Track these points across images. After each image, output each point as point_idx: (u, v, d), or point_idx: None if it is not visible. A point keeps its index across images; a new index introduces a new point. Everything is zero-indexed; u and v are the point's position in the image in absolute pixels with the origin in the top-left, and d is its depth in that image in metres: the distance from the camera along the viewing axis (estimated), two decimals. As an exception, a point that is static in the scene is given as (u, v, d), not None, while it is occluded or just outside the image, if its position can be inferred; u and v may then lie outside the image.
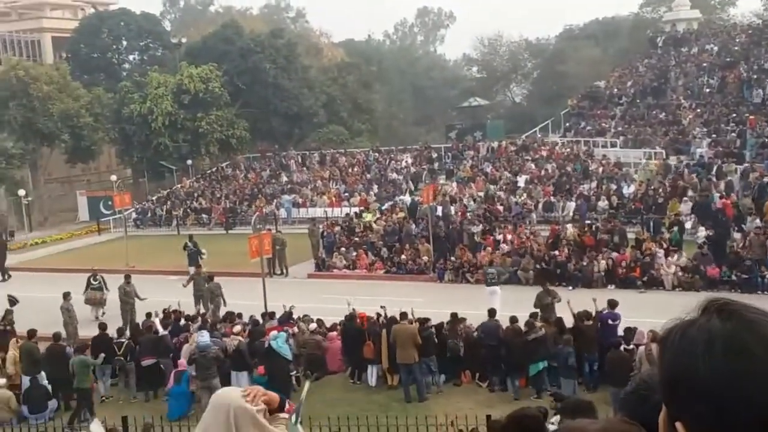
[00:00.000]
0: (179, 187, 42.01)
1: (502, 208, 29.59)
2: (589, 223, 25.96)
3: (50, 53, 52.11)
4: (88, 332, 18.48)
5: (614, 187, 30.04)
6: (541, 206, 29.99)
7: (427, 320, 16.37)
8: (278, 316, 18.18)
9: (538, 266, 23.17)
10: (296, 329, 17.74)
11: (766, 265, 21.19)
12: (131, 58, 54.43)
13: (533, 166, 34.68)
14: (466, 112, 50.21)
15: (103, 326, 17.28)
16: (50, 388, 15.93)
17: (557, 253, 23.45)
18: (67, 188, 47.29)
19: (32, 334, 16.80)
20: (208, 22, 62.21)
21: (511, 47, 64.75)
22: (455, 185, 33.95)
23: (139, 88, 43.83)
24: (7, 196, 41.06)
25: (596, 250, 23.22)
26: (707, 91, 39.03)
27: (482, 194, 31.51)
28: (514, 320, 15.84)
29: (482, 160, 37.43)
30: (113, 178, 39.15)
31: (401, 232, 26.98)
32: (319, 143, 45.55)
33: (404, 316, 16.07)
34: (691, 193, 27.32)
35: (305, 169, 41.49)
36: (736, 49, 41.73)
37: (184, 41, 53.72)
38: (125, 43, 52.72)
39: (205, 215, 37.50)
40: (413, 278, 24.68)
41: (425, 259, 25.06)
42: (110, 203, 35.19)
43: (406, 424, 11.61)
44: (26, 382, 16.19)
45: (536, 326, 15.41)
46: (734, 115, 34.64)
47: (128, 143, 44.46)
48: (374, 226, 28.29)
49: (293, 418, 2.66)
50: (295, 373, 16.47)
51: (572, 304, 16.04)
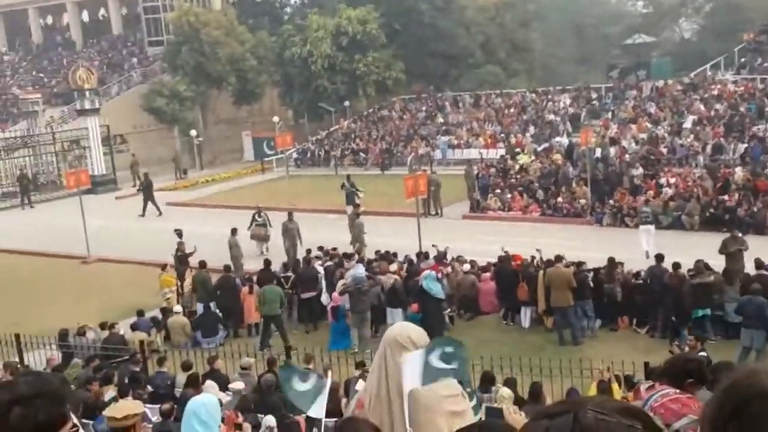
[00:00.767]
0: (337, 128, 43.00)
1: (666, 150, 28.25)
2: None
3: (218, -1, 54.14)
4: (254, 266, 19.53)
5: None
6: (710, 148, 28.36)
7: (582, 263, 16.07)
8: (432, 256, 18.39)
9: (706, 212, 22.05)
10: (450, 269, 17.91)
11: None
12: (292, 1, 55.64)
13: (702, 106, 32.72)
14: (629, 49, 47.80)
15: (267, 262, 18.08)
16: (221, 315, 17.03)
17: (727, 197, 22.18)
18: (233, 129, 49.49)
19: (204, 264, 17.92)
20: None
21: (680, -21, 60.79)
22: (616, 126, 32.68)
23: (299, 31, 44.88)
24: (180, 136, 43.60)
25: (770, 195, 21.79)
26: None
27: (644, 136, 30.18)
28: (677, 266, 15.23)
29: (645, 100, 35.73)
30: (275, 119, 40.60)
31: (558, 174, 26.40)
32: (475, 84, 45.02)
33: (559, 259, 15.82)
34: None
35: (460, 110, 41.25)
36: None
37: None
38: (288, -14, 53.97)
39: (362, 155, 38.28)
40: (569, 221, 24.16)
41: (582, 202, 24.45)
42: (273, 143, 36.62)
43: (560, 366, 11.51)
44: (200, 309, 17.40)
45: (702, 271, 14.76)
46: None
47: (289, 85, 45.83)
48: (530, 167, 27.83)
49: None
50: (449, 311, 16.69)
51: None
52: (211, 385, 10.28)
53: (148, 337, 15.42)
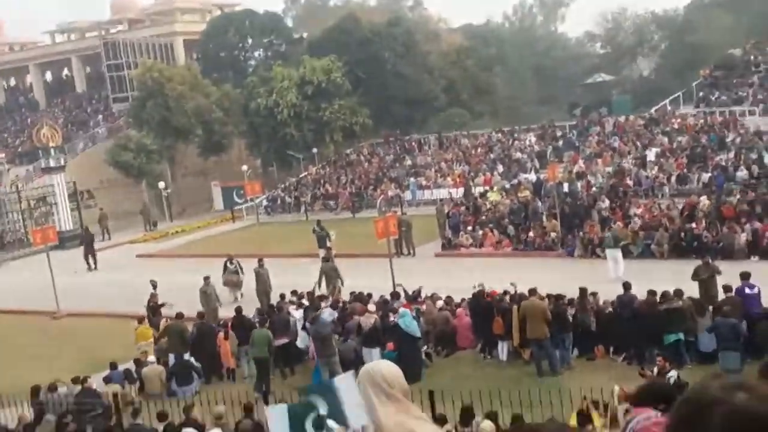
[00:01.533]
0: (306, 174, 43.14)
1: (632, 182, 28.69)
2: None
3: (182, 55, 54.52)
4: (229, 313, 19.33)
5: (754, 156, 28.50)
6: (674, 179, 28.87)
7: (561, 296, 16.14)
8: (402, 297, 18.37)
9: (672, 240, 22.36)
10: (424, 307, 17.88)
11: None
12: (256, 54, 56.19)
13: (665, 139, 33.38)
14: (590, 88, 48.90)
15: (238, 309, 17.99)
16: (196, 364, 16.79)
17: (694, 225, 22.52)
18: (201, 180, 49.39)
19: (181, 315, 17.76)
20: (328, 15, 63.19)
21: (636, 20, 62.38)
22: (581, 161, 33.17)
23: (264, 82, 45.20)
24: (148, 189, 43.41)
25: (736, 220, 22.15)
26: None
27: (610, 169, 30.65)
28: (652, 293, 15.39)
29: (609, 135, 36.38)
30: (244, 168, 40.60)
31: (527, 209, 26.64)
32: (441, 126, 45.55)
33: (533, 291, 15.89)
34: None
35: (428, 152, 41.63)
36: None
37: (305, 36, 55.01)
38: (251, 41, 54.49)
39: (331, 201, 38.36)
40: (542, 255, 24.32)
41: (553, 235, 24.66)
42: (242, 192, 36.66)
43: (539, 397, 11.48)
44: (172, 359, 17.14)
45: (671, 297, 14.91)
46: None
47: (256, 135, 45.97)
48: (500, 204, 28.06)
49: None
50: (425, 349, 16.61)
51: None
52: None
53: (121, 389, 15.13)
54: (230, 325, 17.72)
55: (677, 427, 1.66)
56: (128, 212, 42.59)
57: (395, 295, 18.42)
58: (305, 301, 18.72)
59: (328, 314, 16.21)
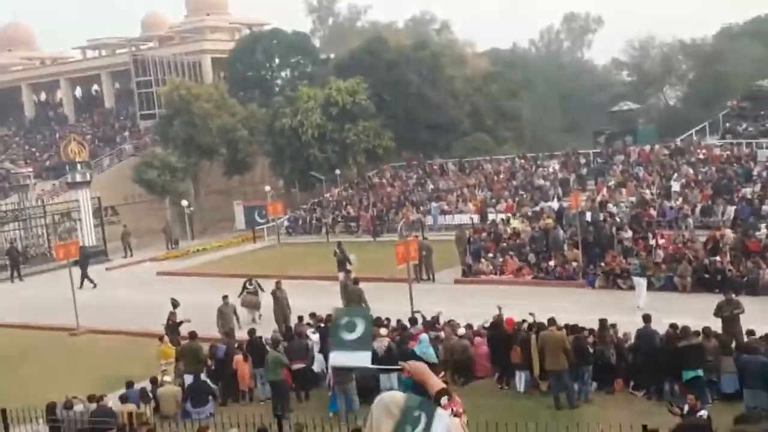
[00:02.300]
0: (328, 196, 43.22)
1: (655, 213, 28.44)
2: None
3: (209, 73, 55.01)
4: (246, 334, 19.31)
5: (781, 189, 28.20)
6: (698, 211, 28.58)
7: (581, 328, 15.96)
8: (420, 323, 18.25)
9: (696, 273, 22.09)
10: (443, 334, 17.75)
11: None
12: (283, 74, 56.56)
13: (690, 169, 33.10)
14: (615, 116, 48.60)
15: (251, 332, 17.90)
16: (213, 385, 16.76)
17: (718, 258, 22.24)
18: (224, 199, 49.68)
19: (194, 335, 17.73)
20: (355, 37, 63.63)
21: (663, 49, 62.13)
22: (605, 190, 32.95)
23: (290, 102, 45.46)
24: (171, 207, 43.72)
25: (761, 255, 21.84)
26: None
27: (633, 199, 30.41)
28: (673, 327, 15.19)
29: (633, 164, 36.15)
30: (267, 188, 40.80)
31: (548, 237, 26.47)
32: (464, 151, 45.52)
33: (552, 322, 15.73)
34: None
35: (450, 176, 41.58)
36: None
37: (332, 56, 55.30)
38: (278, 60, 54.83)
39: (353, 223, 38.38)
40: (562, 284, 24.12)
41: (574, 265, 24.47)
42: (264, 212, 36.75)
43: (556, 431, 11.31)
44: (189, 379, 17.12)
45: (691, 333, 14.69)
46: None
47: (280, 155, 46.18)
48: (522, 231, 27.91)
49: None
50: (442, 376, 16.46)
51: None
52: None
53: (137, 409, 15.11)
54: (246, 348, 17.66)
55: None
56: (151, 230, 42.89)
57: (413, 320, 18.32)
58: (322, 324, 18.64)
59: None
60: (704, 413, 12.05)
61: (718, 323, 16.27)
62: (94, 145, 51.39)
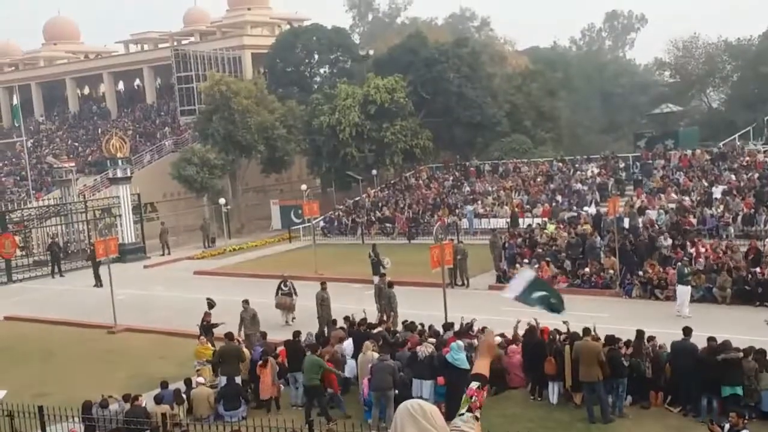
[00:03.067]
0: (364, 196, 43.22)
1: (695, 220, 27.96)
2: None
3: (249, 68, 55.31)
4: (279, 336, 19.42)
5: (827, 199, 27.56)
6: (740, 219, 28.05)
7: (616, 339, 15.75)
8: (457, 327, 18.16)
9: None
10: (476, 341, 17.63)
11: None
12: (322, 71, 56.62)
13: (732, 176, 32.50)
14: (656, 119, 47.94)
15: (296, 333, 17.84)
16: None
17: (758, 270, 21.80)
18: (261, 197, 50.00)
19: (231, 336, 17.78)
20: (394, 33, 63.53)
21: (708, 49, 60.92)
22: (644, 196, 32.51)
23: (328, 99, 45.52)
24: (209, 204, 44.09)
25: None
26: None
27: (673, 206, 29.94)
28: (711, 340, 14.91)
29: (674, 169, 35.59)
30: (303, 187, 40.98)
31: (585, 244, 26.18)
32: (501, 153, 45.22)
33: (587, 332, 15.54)
34: None
35: (487, 178, 41.34)
36: None
37: (371, 53, 55.27)
38: (317, 56, 54.91)
39: (388, 224, 38.33)
40: (598, 293, 23.84)
41: (611, 273, 24.18)
42: (300, 212, 36.86)
43: (589, 445, 11.21)
44: (222, 381, 17.23)
45: (730, 347, 14.40)
46: None
47: (317, 153, 46.30)
48: (558, 237, 27.64)
49: None
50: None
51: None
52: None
53: (170, 410, 15.27)
54: (283, 349, 17.65)
55: None
56: (188, 227, 43.34)
57: (448, 326, 18.22)
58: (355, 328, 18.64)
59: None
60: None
61: (758, 337, 15.96)
62: (135, 140, 52.09)
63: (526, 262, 26.28)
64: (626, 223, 27.61)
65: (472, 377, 3.82)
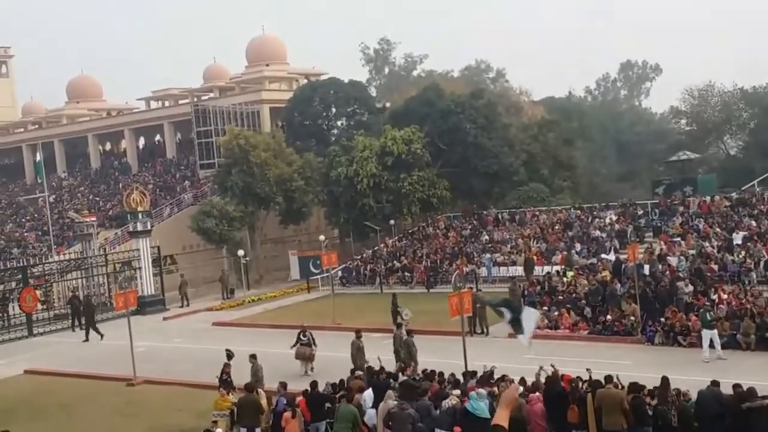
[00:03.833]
0: (382, 246, 43.28)
1: (716, 267, 27.73)
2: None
3: (268, 122, 56.04)
4: (298, 386, 19.28)
5: None
6: (762, 265, 27.80)
7: (640, 387, 15.51)
8: (479, 375, 17.96)
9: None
10: (496, 390, 17.43)
11: None
12: (339, 123, 57.26)
13: (752, 221, 32.31)
14: (674, 166, 47.93)
15: (314, 383, 17.72)
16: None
17: (782, 316, 21.54)
18: (280, 248, 50.17)
19: (251, 387, 17.68)
20: (411, 86, 64.32)
21: (723, 97, 61.16)
22: (663, 243, 32.32)
23: (346, 151, 45.93)
24: (228, 256, 44.31)
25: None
26: None
27: (693, 252, 29.74)
28: (737, 386, 14.65)
29: (693, 216, 35.43)
30: (321, 238, 41.07)
31: (605, 291, 25.99)
32: (519, 201, 45.26)
33: (609, 379, 15.35)
34: None
35: (505, 227, 41.31)
36: None
37: (388, 105, 55.88)
38: (334, 109, 55.59)
39: (407, 274, 38.31)
40: (620, 340, 23.60)
41: (632, 320, 23.94)
42: (318, 262, 36.90)
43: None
44: (243, 432, 17.07)
45: (756, 394, 14.14)
46: None
47: (335, 204, 46.57)
48: (578, 283, 27.46)
49: None
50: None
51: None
52: None
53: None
54: (303, 400, 17.51)
55: None
56: (207, 278, 43.50)
57: (470, 374, 18.03)
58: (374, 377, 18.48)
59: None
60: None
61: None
62: (155, 194, 52.68)
63: (545, 309, 26.13)
64: (646, 269, 27.41)
65: (492, 428, 3.87)
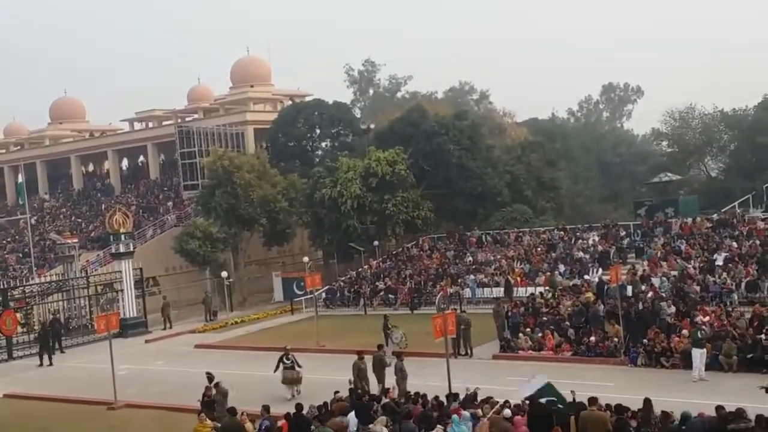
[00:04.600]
0: (366, 267, 43.21)
1: (698, 287, 27.88)
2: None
3: (252, 143, 56.04)
4: (282, 409, 19.13)
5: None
6: (743, 286, 27.99)
7: (626, 409, 15.52)
8: (462, 397, 17.92)
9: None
10: (480, 412, 17.39)
11: None
12: (323, 144, 57.38)
13: (733, 243, 32.56)
14: (656, 188, 48.30)
15: (299, 406, 17.56)
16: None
17: (764, 336, 21.62)
18: (263, 270, 50.01)
19: (233, 411, 17.48)
20: (395, 107, 64.61)
21: (704, 119, 61.79)
22: (646, 264, 32.49)
23: (330, 172, 45.97)
24: (211, 277, 44.09)
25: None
26: None
27: (675, 273, 29.91)
28: (720, 409, 14.68)
29: (675, 237, 35.67)
30: (305, 259, 40.98)
31: (588, 312, 26.05)
32: (503, 222, 45.41)
33: (593, 401, 15.34)
34: None
35: (489, 248, 41.39)
36: None
37: (372, 127, 56.06)
38: (318, 131, 55.70)
39: (391, 295, 38.25)
40: (603, 361, 23.60)
41: (615, 341, 24.00)
42: (302, 284, 36.80)
43: None
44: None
45: (746, 416, 14.16)
46: None
47: (319, 226, 46.53)
48: (561, 304, 27.51)
49: None
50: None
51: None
52: None
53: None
54: (285, 423, 17.37)
55: None
56: (190, 300, 43.24)
57: (453, 396, 17.97)
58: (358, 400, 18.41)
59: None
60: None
61: (766, 405, 15.70)
62: (138, 215, 52.42)
63: (529, 330, 26.13)
64: (629, 290, 27.52)
65: None
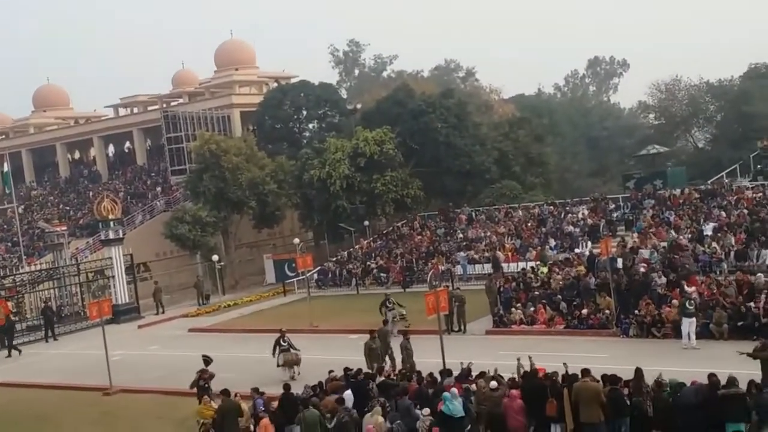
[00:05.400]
0: (357, 247, 43.26)
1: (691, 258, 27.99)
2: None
3: (239, 126, 55.76)
4: (273, 390, 19.19)
5: (817, 231, 27.69)
6: (732, 255, 28.16)
7: (616, 379, 15.64)
8: (456, 373, 18.01)
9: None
10: (474, 387, 17.48)
11: None
12: (311, 126, 57.09)
13: (722, 213, 32.72)
14: (644, 160, 48.44)
15: (287, 386, 17.58)
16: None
17: (753, 304, 21.81)
18: (254, 252, 49.97)
19: (228, 392, 17.53)
20: (381, 87, 64.37)
21: (690, 91, 61.92)
22: (636, 236, 32.63)
23: (318, 154, 45.86)
24: (202, 261, 44.06)
25: (800, 300, 21.38)
26: None
27: (665, 244, 30.05)
28: (712, 376, 14.81)
29: (664, 208, 35.82)
30: (296, 241, 41.06)
31: (580, 285, 26.18)
32: (492, 199, 45.49)
33: (586, 372, 15.45)
34: None
35: (479, 224, 41.47)
36: None
37: (359, 107, 55.91)
38: (305, 112, 55.38)
39: (383, 274, 38.33)
40: (595, 333, 23.80)
41: (607, 313, 24.15)
42: (294, 265, 36.81)
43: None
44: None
45: (733, 382, 14.31)
46: None
47: (309, 207, 46.49)
48: (552, 279, 27.60)
49: None
50: (468, 429, 16.11)
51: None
52: None
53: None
54: (278, 403, 17.44)
55: None
56: (182, 285, 43.19)
57: (446, 372, 18.05)
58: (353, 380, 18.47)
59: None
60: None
61: (758, 371, 15.89)
62: (126, 201, 52.18)
63: (521, 305, 26.25)
64: (619, 263, 27.63)
65: None
